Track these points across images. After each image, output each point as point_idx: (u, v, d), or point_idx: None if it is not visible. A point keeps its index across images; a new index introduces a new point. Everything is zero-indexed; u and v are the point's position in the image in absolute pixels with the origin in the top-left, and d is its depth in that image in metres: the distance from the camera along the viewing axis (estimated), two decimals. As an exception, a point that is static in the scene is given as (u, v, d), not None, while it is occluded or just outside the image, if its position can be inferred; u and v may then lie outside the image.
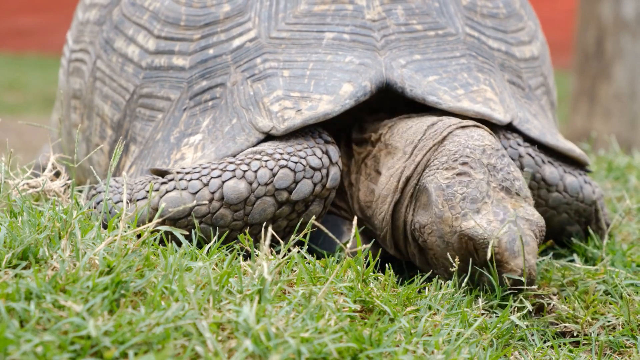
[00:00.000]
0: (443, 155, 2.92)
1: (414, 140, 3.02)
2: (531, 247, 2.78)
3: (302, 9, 3.23)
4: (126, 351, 2.18)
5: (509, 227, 2.77)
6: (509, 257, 2.75)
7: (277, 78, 3.14)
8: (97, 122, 3.51)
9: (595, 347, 2.72)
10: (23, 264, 2.45)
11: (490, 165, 2.87)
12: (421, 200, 2.93)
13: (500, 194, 2.84)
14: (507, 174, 2.88)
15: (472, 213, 2.80)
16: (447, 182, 2.86)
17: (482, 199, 2.81)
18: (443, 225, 2.83)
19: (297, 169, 2.97)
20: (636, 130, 8.33)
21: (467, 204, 2.81)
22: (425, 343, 2.46)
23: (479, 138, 2.93)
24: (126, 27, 3.43)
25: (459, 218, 2.81)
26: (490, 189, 2.84)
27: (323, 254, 3.07)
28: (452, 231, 2.82)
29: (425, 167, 2.96)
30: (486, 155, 2.89)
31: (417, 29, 3.26)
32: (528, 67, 3.47)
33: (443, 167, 2.90)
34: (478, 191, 2.82)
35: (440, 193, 2.85)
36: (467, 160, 2.87)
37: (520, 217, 2.81)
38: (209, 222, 2.93)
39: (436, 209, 2.84)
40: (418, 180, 2.96)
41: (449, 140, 2.95)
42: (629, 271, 3.09)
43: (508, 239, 2.76)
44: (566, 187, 3.25)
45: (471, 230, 2.78)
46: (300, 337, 2.26)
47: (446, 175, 2.87)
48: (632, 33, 8.24)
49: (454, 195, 2.83)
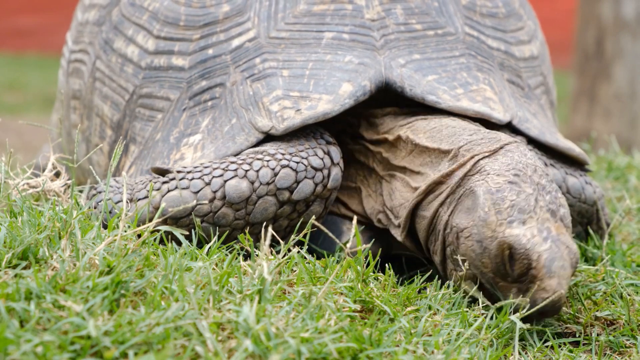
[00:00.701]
0: (496, 165, 2.86)
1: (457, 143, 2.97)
2: (567, 273, 2.69)
3: (301, 9, 3.24)
4: (126, 351, 2.18)
5: (550, 246, 2.69)
6: (545, 275, 2.66)
7: (276, 78, 3.14)
8: (97, 123, 3.51)
9: (595, 347, 2.72)
10: (23, 264, 2.45)
11: (540, 185, 2.81)
12: (464, 203, 2.86)
13: (546, 214, 2.76)
14: (555, 199, 2.81)
15: (518, 222, 2.72)
16: (498, 187, 2.79)
17: (529, 212, 2.74)
18: (485, 229, 2.75)
19: (299, 169, 2.97)
20: (636, 130, 8.34)
21: (515, 212, 2.74)
22: (425, 343, 2.46)
23: (532, 158, 2.89)
24: (125, 27, 3.43)
25: (504, 224, 2.73)
26: (537, 206, 2.76)
27: (323, 254, 3.07)
28: (494, 236, 2.74)
29: (471, 171, 2.90)
30: (537, 175, 2.83)
31: (416, 28, 3.26)
32: (527, 67, 3.47)
33: (495, 173, 2.83)
34: (527, 203, 2.75)
35: (489, 197, 2.78)
36: (519, 173, 2.81)
37: (562, 241, 2.72)
38: (211, 222, 2.94)
39: (481, 212, 2.77)
40: (461, 181, 2.90)
41: (502, 153, 2.90)
42: (629, 271, 3.09)
43: (548, 256, 2.67)
44: (569, 188, 3.25)
45: (514, 238, 2.70)
46: (300, 337, 2.26)
47: (497, 180, 2.81)
48: (632, 33, 8.24)
49: (503, 200, 2.76)
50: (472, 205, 2.83)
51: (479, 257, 2.77)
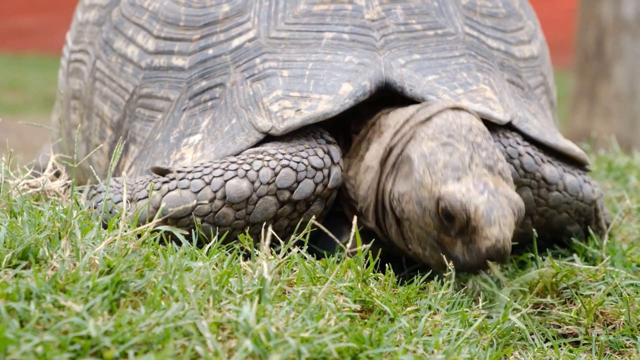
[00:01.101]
0: (429, 129, 2.95)
1: (405, 116, 3.06)
2: (508, 221, 2.78)
3: (301, 9, 3.24)
4: (126, 351, 2.18)
5: (487, 197, 2.78)
6: (485, 225, 2.75)
7: (276, 78, 3.14)
8: (97, 123, 3.51)
9: (595, 347, 2.72)
10: (23, 264, 2.45)
11: (475, 144, 2.90)
12: (402, 170, 2.96)
13: (483, 170, 2.86)
14: (492, 154, 2.90)
15: (452, 180, 2.82)
16: (431, 150, 2.89)
17: (464, 169, 2.84)
18: (422, 191, 2.85)
19: (299, 169, 2.98)
20: (636, 130, 8.33)
21: (449, 171, 2.84)
22: (425, 343, 2.46)
23: (467, 118, 2.96)
24: (125, 27, 3.43)
25: (438, 183, 2.83)
26: (472, 163, 2.86)
27: (323, 254, 3.07)
28: (431, 196, 2.83)
29: (410, 139, 2.99)
30: (472, 133, 2.92)
31: (416, 28, 3.26)
32: (527, 67, 3.47)
33: (428, 137, 2.93)
34: (460, 161, 2.85)
35: (423, 160, 2.88)
36: (453, 134, 2.91)
37: (501, 192, 2.82)
38: (211, 221, 2.94)
39: (417, 175, 2.87)
40: (402, 151, 2.99)
41: (438, 117, 2.98)
42: (629, 271, 3.09)
43: (485, 207, 2.76)
44: (566, 186, 3.25)
45: (449, 195, 2.79)
46: (300, 337, 2.26)
47: (430, 144, 2.90)
48: (632, 33, 8.24)
49: (436, 162, 2.86)
50: (409, 170, 2.92)
51: (421, 218, 2.86)
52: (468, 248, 2.80)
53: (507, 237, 2.76)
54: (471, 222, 2.76)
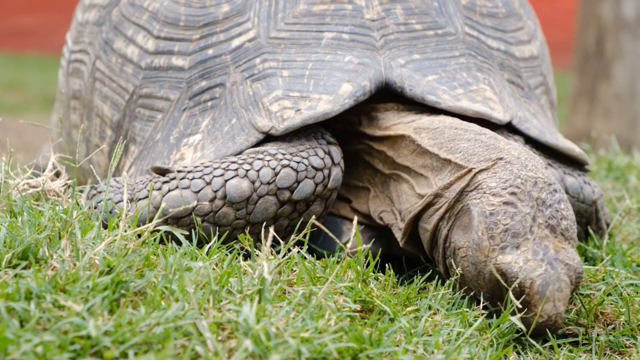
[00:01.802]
0: (493, 181, 2.80)
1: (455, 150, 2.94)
2: (563, 294, 2.66)
3: (301, 9, 3.24)
4: (126, 351, 2.18)
5: (545, 269, 2.65)
6: (538, 301, 2.64)
7: (276, 78, 3.15)
8: (97, 123, 3.51)
9: (595, 347, 2.72)
10: (23, 263, 2.45)
11: (539, 200, 2.75)
12: (462, 220, 2.84)
13: (545, 231, 2.72)
14: (556, 212, 2.75)
15: (510, 247, 2.69)
16: (492, 210, 2.74)
17: (524, 234, 2.70)
18: (479, 254, 2.73)
19: (300, 169, 2.98)
20: (636, 130, 8.33)
21: (508, 237, 2.70)
22: (425, 343, 2.46)
23: (533, 169, 2.81)
24: (125, 27, 3.43)
25: (496, 250, 2.70)
26: (535, 224, 2.72)
27: (323, 254, 3.07)
28: (487, 262, 2.71)
29: (469, 186, 2.85)
30: (537, 188, 2.77)
31: (416, 28, 3.27)
32: (527, 67, 3.47)
33: (490, 192, 2.77)
34: (522, 225, 2.70)
35: (483, 219, 2.73)
36: (516, 191, 2.75)
37: (560, 259, 2.68)
38: (212, 221, 2.94)
39: (475, 236, 2.74)
40: (459, 196, 2.86)
41: (502, 166, 2.83)
42: (629, 271, 3.09)
43: (541, 282, 2.64)
44: (567, 188, 3.25)
45: (506, 266, 2.67)
46: (300, 337, 2.26)
47: (492, 201, 2.75)
48: (632, 33, 8.24)
49: (496, 225, 2.71)
50: (468, 224, 2.81)
51: (474, 278, 2.77)
52: (521, 314, 2.67)
53: (561, 312, 2.65)
54: (525, 297, 2.65)
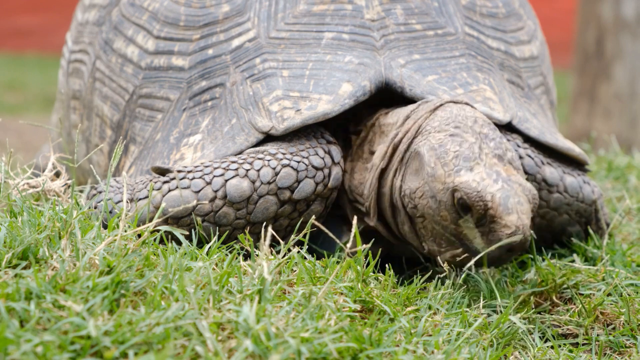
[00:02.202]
0: (435, 121, 2.94)
1: (405, 113, 3.05)
2: (525, 208, 2.76)
3: (301, 9, 3.24)
4: (126, 351, 2.18)
5: (502, 185, 2.77)
6: (503, 213, 2.73)
7: (276, 78, 3.15)
8: (97, 123, 3.51)
9: (595, 347, 2.72)
10: (23, 263, 2.45)
11: (482, 134, 2.89)
12: (412, 166, 2.94)
13: (493, 160, 2.84)
14: (500, 144, 2.89)
15: (465, 170, 2.80)
16: (440, 142, 2.87)
17: (475, 159, 2.82)
18: (436, 183, 2.82)
19: (300, 168, 2.98)
20: (636, 130, 8.33)
21: (460, 161, 2.81)
22: (425, 343, 2.46)
23: (471, 111, 2.96)
24: (125, 27, 3.43)
25: (451, 174, 2.80)
26: (482, 153, 2.84)
27: (323, 254, 3.07)
28: (445, 188, 2.80)
29: (416, 135, 2.97)
30: (478, 124, 2.91)
31: (416, 28, 3.27)
32: (527, 67, 3.47)
33: (435, 130, 2.91)
34: (471, 151, 2.83)
35: (433, 153, 2.85)
36: (459, 125, 2.89)
37: (513, 180, 2.80)
38: (212, 221, 2.94)
39: (428, 168, 2.84)
40: (408, 147, 2.97)
41: (441, 110, 2.97)
42: (629, 271, 3.09)
43: (502, 194, 2.75)
44: (566, 187, 3.25)
45: (464, 185, 2.77)
46: (300, 337, 2.26)
47: (438, 136, 2.88)
48: (632, 33, 8.24)
49: (446, 153, 2.84)
50: (420, 165, 2.89)
51: (436, 212, 2.83)
52: (488, 239, 2.78)
53: (526, 224, 2.74)
54: (489, 211, 2.74)
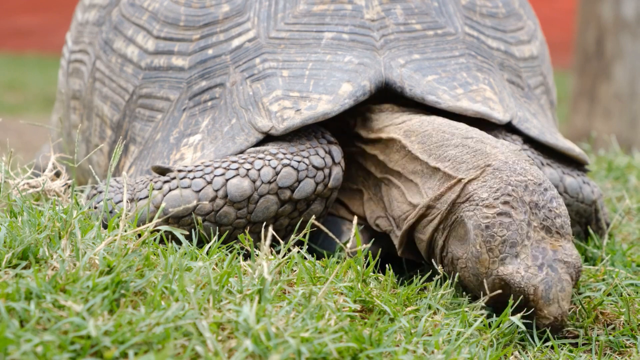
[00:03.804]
0: (484, 191, 2.80)
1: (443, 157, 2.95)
2: (566, 293, 2.71)
3: (301, 9, 3.24)
4: (126, 351, 2.18)
5: (546, 272, 2.70)
6: (543, 305, 2.69)
7: (276, 78, 3.15)
8: (97, 123, 3.51)
9: (595, 347, 2.72)
10: (23, 263, 2.45)
11: (532, 203, 2.77)
12: (457, 231, 2.85)
13: (541, 233, 2.75)
14: (549, 212, 2.78)
15: (510, 257, 2.72)
16: (487, 222, 2.76)
17: (522, 241, 2.73)
18: (479, 266, 2.76)
19: (300, 168, 2.98)
20: (636, 130, 8.33)
21: (507, 247, 2.73)
22: (425, 343, 2.46)
23: (522, 172, 2.82)
24: (125, 27, 3.43)
25: (496, 262, 2.73)
26: (530, 229, 2.75)
27: (323, 253, 3.07)
28: (488, 274, 2.75)
29: (459, 197, 2.85)
30: (528, 192, 2.78)
31: (416, 28, 3.27)
32: (527, 67, 3.47)
33: (483, 204, 2.78)
34: (518, 234, 2.73)
35: (480, 233, 2.76)
36: (509, 200, 2.76)
37: (559, 259, 2.73)
38: (213, 220, 2.94)
39: (473, 249, 2.77)
40: (451, 208, 2.87)
41: (490, 173, 2.84)
42: (629, 271, 3.09)
43: (544, 287, 2.69)
44: (566, 188, 3.25)
45: (508, 277, 2.71)
46: (300, 337, 2.26)
47: (487, 213, 2.77)
48: (632, 33, 8.24)
49: (493, 238, 2.74)
50: (464, 236, 2.82)
51: (477, 287, 2.80)
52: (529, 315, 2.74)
53: (565, 311, 2.71)
54: (530, 303, 2.70)
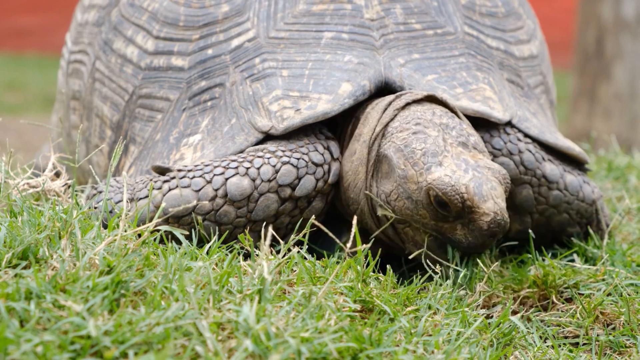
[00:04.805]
0: (396, 122, 2.98)
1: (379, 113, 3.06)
2: (498, 192, 2.83)
3: (300, 9, 3.24)
4: (126, 351, 2.18)
5: (473, 174, 2.83)
6: (480, 201, 2.79)
7: (276, 78, 3.15)
8: (97, 123, 3.51)
9: (595, 347, 2.72)
10: (23, 263, 2.45)
11: (442, 125, 2.94)
12: (382, 169, 2.97)
13: (458, 148, 2.90)
14: (461, 131, 2.94)
15: (435, 166, 2.84)
16: (405, 142, 2.91)
17: (442, 152, 2.87)
18: (409, 184, 2.87)
19: (300, 165, 2.99)
20: (636, 130, 8.33)
21: (429, 158, 2.86)
22: (425, 343, 2.46)
23: (429, 106, 3.01)
24: (125, 28, 3.43)
25: (423, 173, 2.85)
26: (447, 144, 2.89)
27: (323, 253, 3.07)
28: (419, 187, 2.85)
29: (382, 137, 3.00)
30: (437, 116, 2.96)
31: (415, 28, 3.27)
32: (527, 66, 3.47)
33: (397, 130, 2.95)
34: (436, 145, 2.88)
35: (400, 154, 2.90)
36: (420, 121, 2.94)
37: (482, 166, 2.86)
38: (213, 220, 2.95)
39: (399, 170, 2.88)
40: (377, 150, 3.00)
41: (403, 110, 3.01)
42: (629, 271, 3.09)
43: (475, 184, 2.81)
44: (566, 185, 3.25)
45: (438, 181, 2.82)
46: (300, 337, 2.26)
47: (402, 136, 2.93)
48: (632, 33, 8.24)
49: (413, 152, 2.88)
50: (389, 167, 2.93)
51: (415, 212, 2.88)
52: (469, 229, 2.84)
53: (503, 207, 2.81)
54: (466, 202, 2.79)
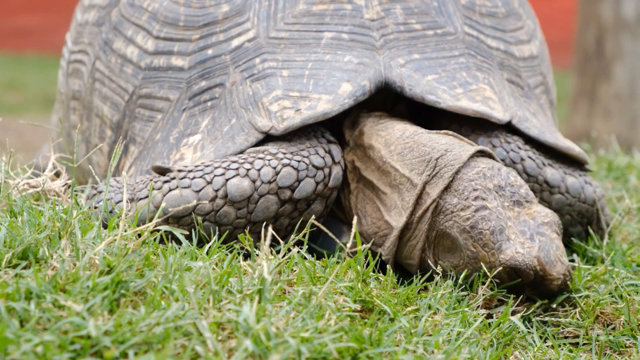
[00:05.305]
0: (453, 197, 2.89)
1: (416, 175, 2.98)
2: (561, 250, 2.85)
3: (300, 9, 3.24)
4: (126, 351, 2.18)
5: (539, 240, 2.82)
6: (550, 269, 2.80)
7: (276, 78, 3.15)
8: (97, 123, 3.51)
9: (595, 347, 2.72)
10: (23, 263, 2.45)
11: (496, 187, 2.88)
12: (443, 244, 2.92)
13: (515, 210, 2.87)
14: (512, 187, 2.90)
15: (504, 242, 2.81)
16: (470, 223, 2.85)
17: (506, 224, 2.83)
18: (480, 263, 2.83)
19: (300, 168, 2.98)
20: (636, 130, 8.33)
21: (497, 236, 2.82)
22: (425, 343, 2.46)
23: (474, 164, 2.93)
24: (125, 28, 3.43)
25: (495, 253, 2.81)
26: (506, 210, 2.86)
27: (323, 253, 3.07)
28: (492, 266, 2.82)
29: (436, 211, 2.91)
30: (489, 179, 2.89)
31: (415, 28, 3.27)
32: (527, 66, 3.47)
33: (457, 209, 2.88)
34: (500, 219, 2.83)
35: (467, 236, 2.85)
36: (478, 194, 2.87)
37: (540, 223, 2.86)
38: (213, 220, 2.95)
39: (468, 252, 2.85)
40: (431, 220, 2.92)
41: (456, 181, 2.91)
42: (629, 271, 3.09)
43: (544, 253, 2.81)
44: (568, 188, 3.25)
45: (511, 261, 2.79)
46: (300, 337, 2.26)
47: (465, 215, 2.86)
48: (632, 33, 8.24)
49: (482, 234, 2.83)
50: (453, 245, 2.89)
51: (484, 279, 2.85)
52: (538, 290, 2.86)
53: (568, 264, 2.83)
54: (538, 273, 2.80)
